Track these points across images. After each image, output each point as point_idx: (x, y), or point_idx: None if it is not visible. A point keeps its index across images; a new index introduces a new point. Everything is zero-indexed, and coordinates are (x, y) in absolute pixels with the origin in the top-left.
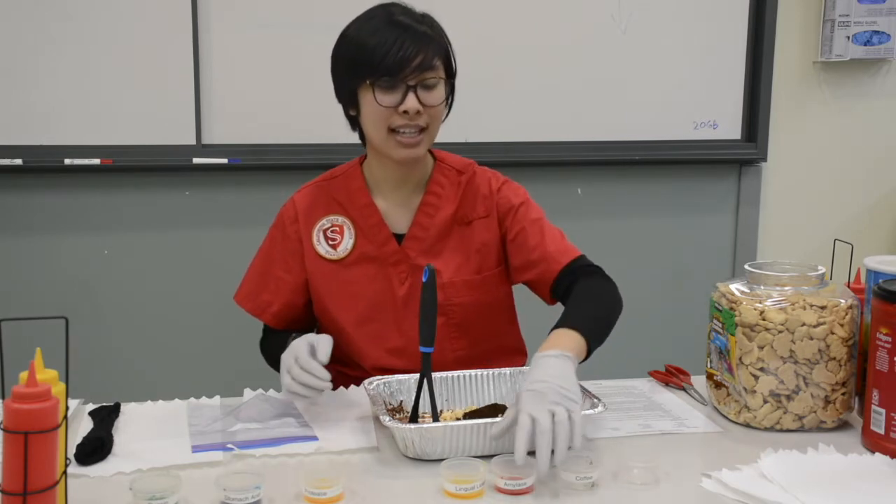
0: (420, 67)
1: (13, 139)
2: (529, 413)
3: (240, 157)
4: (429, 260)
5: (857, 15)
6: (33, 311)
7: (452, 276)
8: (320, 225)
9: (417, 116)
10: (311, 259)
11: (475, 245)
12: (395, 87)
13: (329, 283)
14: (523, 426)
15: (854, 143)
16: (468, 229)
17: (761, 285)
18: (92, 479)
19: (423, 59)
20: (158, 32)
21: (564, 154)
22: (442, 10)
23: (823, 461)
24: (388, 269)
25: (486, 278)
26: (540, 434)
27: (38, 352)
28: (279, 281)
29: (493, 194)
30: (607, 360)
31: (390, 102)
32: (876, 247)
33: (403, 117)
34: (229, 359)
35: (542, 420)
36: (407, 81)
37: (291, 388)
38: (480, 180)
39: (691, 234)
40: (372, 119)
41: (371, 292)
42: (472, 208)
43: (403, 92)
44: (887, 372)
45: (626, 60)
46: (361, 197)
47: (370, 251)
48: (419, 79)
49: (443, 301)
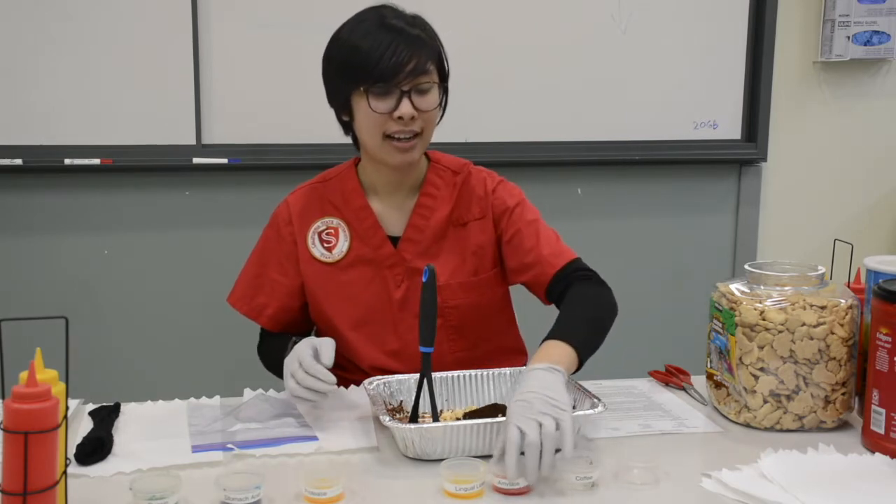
0: (414, 72)
1: (13, 139)
2: (517, 425)
3: (240, 157)
4: (425, 262)
5: (857, 15)
6: (33, 311)
7: (448, 279)
8: (315, 227)
9: (412, 122)
10: (306, 261)
11: (471, 247)
12: (389, 92)
13: (325, 285)
14: (512, 440)
15: (854, 143)
16: (463, 231)
17: (761, 285)
18: (92, 479)
19: (417, 63)
20: (158, 32)
21: (564, 154)
22: (442, 9)
23: (823, 461)
24: (384, 271)
25: (482, 280)
26: (528, 446)
27: (38, 352)
28: (274, 283)
29: (488, 195)
30: (607, 360)
31: (385, 108)
32: (876, 247)
33: (398, 123)
34: (229, 359)
35: (530, 431)
36: (401, 87)
37: (296, 392)
38: (476, 181)
39: (691, 234)
40: (366, 125)
41: (367, 295)
42: (467, 209)
43: (398, 98)
44: (887, 372)
45: (626, 60)
46: (356, 199)
47: (366, 254)
48: (413, 83)
49: (439, 304)
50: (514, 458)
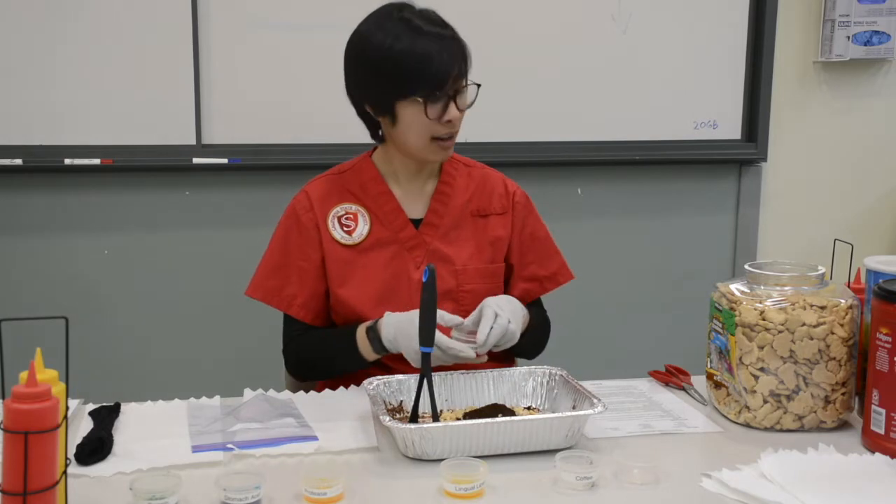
0: (458, 76)
1: (13, 139)
2: (495, 310)
3: (240, 157)
4: (445, 245)
5: (857, 15)
6: (33, 311)
7: (466, 263)
8: (334, 212)
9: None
10: (328, 243)
11: (489, 238)
12: (440, 99)
13: (344, 266)
14: (488, 315)
15: (854, 144)
16: (483, 221)
17: (761, 285)
18: (92, 479)
19: (460, 68)
20: (158, 32)
21: (564, 154)
22: (442, 10)
23: (823, 461)
24: (404, 253)
25: (496, 269)
26: (497, 326)
27: (38, 352)
28: (301, 272)
29: (509, 194)
30: (607, 360)
31: (437, 115)
32: (876, 247)
33: (446, 126)
34: (229, 359)
35: (502, 315)
36: (448, 92)
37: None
38: (495, 180)
39: (691, 234)
40: (416, 130)
41: (386, 276)
42: (487, 203)
43: (445, 103)
44: (887, 372)
45: (626, 60)
46: (376, 186)
47: (386, 237)
48: (457, 87)
49: (455, 287)
50: (488, 328)
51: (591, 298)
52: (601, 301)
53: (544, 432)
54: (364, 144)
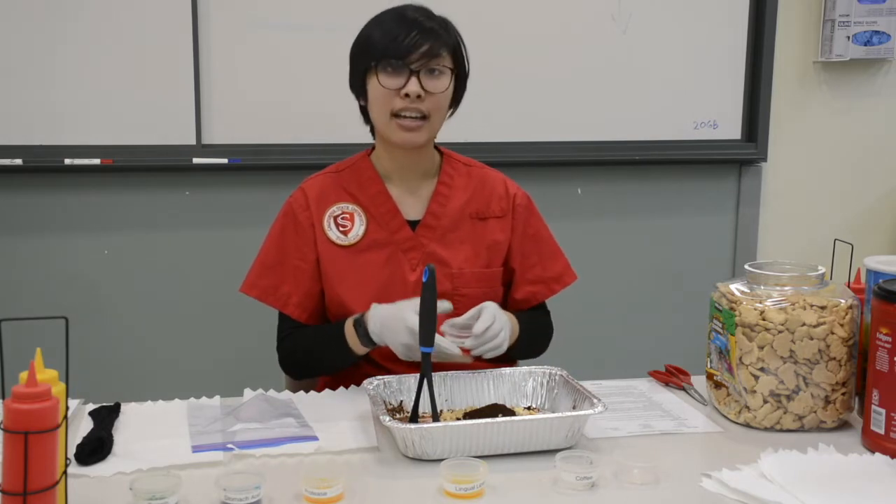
0: (426, 55)
1: (13, 139)
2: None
3: (240, 157)
4: (441, 248)
5: (857, 15)
6: (33, 311)
7: (462, 266)
8: (331, 212)
9: (419, 101)
10: (323, 243)
11: (487, 241)
12: (400, 71)
13: (340, 267)
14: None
15: (854, 143)
16: (482, 224)
17: (761, 285)
18: (92, 479)
19: (430, 48)
20: (158, 32)
21: (564, 154)
22: (442, 10)
23: (823, 461)
24: (400, 255)
25: (493, 273)
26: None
27: (38, 352)
28: (297, 270)
29: (510, 196)
30: (607, 360)
31: (394, 85)
32: (876, 247)
33: (405, 100)
34: (229, 359)
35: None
36: (411, 66)
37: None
38: (494, 181)
39: (691, 234)
40: (377, 103)
41: (382, 277)
42: (486, 205)
43: (407, 76)
44: (887, 372)
45: (626, 60)
46: (373, 186)
47: (382, 237)
48: (423, 64)
49: (451, 290)
50: (487, 323)
51: (591, 298)
52: (601, 301)
53: (544, 432)
54: (364, 144)
